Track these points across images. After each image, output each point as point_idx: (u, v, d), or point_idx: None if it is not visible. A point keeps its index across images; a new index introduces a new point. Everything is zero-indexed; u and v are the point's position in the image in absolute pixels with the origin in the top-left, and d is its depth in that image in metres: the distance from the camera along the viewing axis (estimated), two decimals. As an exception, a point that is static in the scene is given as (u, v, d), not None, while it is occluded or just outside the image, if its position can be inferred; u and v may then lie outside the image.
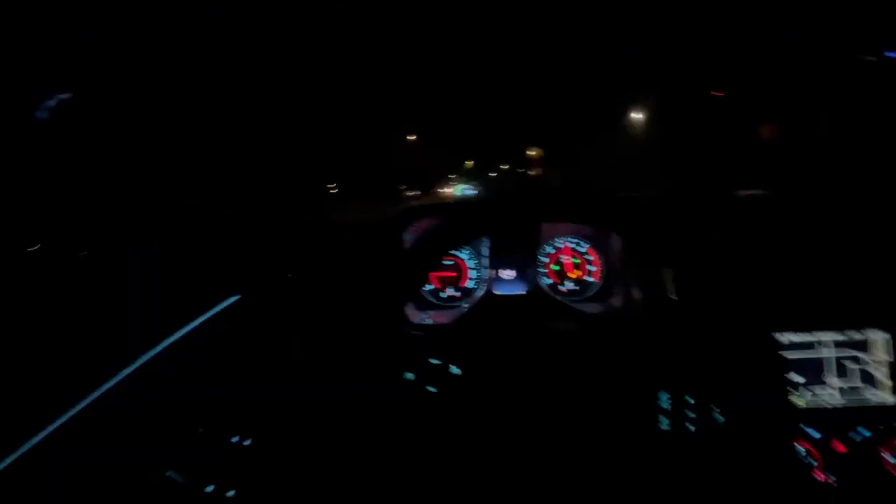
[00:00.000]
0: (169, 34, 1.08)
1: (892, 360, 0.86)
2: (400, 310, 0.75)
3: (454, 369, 0.73)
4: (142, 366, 0.74)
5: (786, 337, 0.86)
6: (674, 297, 1.00)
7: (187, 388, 0.75)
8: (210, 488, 0.70)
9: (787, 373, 0.85)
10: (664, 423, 0.71)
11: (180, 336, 0.75)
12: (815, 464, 0.84)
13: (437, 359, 0.73)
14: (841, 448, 0.84)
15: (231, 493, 0.70)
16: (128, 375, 0.72)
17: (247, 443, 0.75)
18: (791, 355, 0.85)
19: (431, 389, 0.71)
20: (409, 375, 0.72)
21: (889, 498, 0.82)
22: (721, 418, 0.69)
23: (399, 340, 0.75)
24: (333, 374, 0.69)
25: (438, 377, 0.72)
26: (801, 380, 0.86)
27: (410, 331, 0.86)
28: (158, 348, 0.73)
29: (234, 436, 0.75)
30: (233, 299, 0.79)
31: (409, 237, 1.02)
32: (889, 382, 0.86)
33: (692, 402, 0.72)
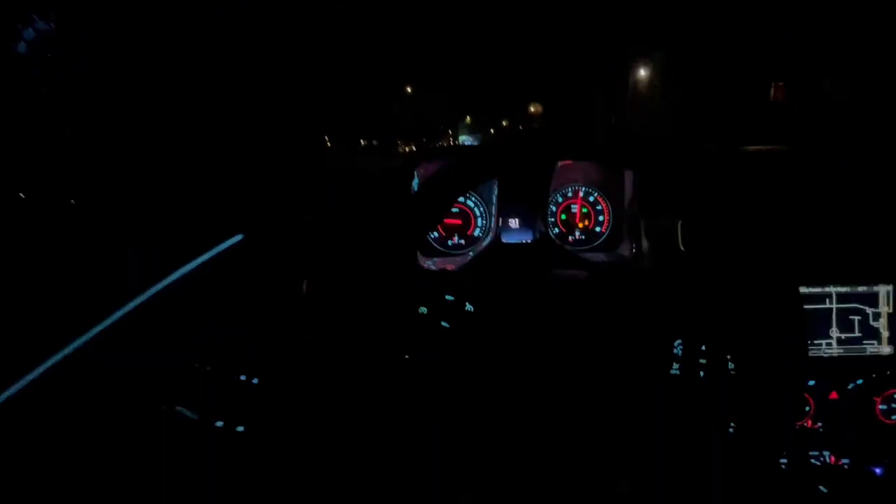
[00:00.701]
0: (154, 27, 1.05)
1: (892, 311, 0.87)
2: (413, 252, 0.73)
3: (469, 307, 0.72)
4: (142, 304, 0.72)
5: (801, 290, 0.86)
6: (683, 247, 0.99)
7: (191, 328, 0.73)
8: (220, 423, 0.71)
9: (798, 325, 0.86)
10: (675, 369, 0.72)
11: (182, 274, 0.73)
12: (808, 409, 0.87)
13: (452, 296, 0.72)
14: (833, 395, 0.87)
15: (241, 429, 0.71)
16: (127, 313, 0.71)
17: (255, 381, 0.74)
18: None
19: (445, 325, 0.70)
20: (423, 310, 0.71)
21: (875, 444, 0.86)
22: (731, 365, 0.70)
23: (412, 279, 0.74)
24: (345, 313, 0.68)
25: (452, 314, 0.71)
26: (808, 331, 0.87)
27: (421, 272, 0.85)
28: (160, 286, 0.70)
29: (242, 375, 0.75)
30: (237, 238, 0.77)
31: (417, 181, 0.98)
32: (887, 333, 0.88)
33: (703, 348, 0.72)
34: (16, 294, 0.80)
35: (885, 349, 0.88)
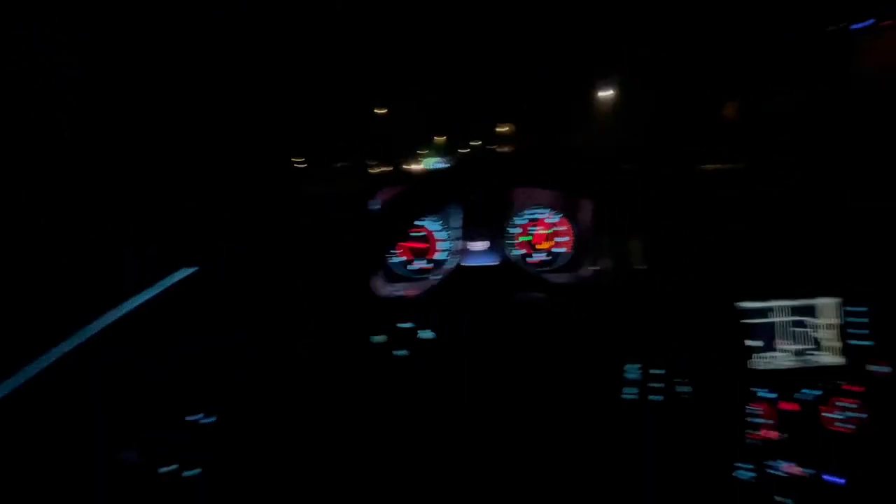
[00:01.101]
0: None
1: (836, 323, 0.91)
2: (368, 277, 0.72)
3: (425, 333, 0.72)
4: (91, 338, 0.69)
5: (745, 305, 0.89)
6: (641, 267, 1.02)
7: (140, 361, 0.70)
8: (169, 468, 0.67)
9: (747, 339, 0.89)
10: (629, 393, 0.73)
11: (131, 308, 0.70)
12: (771, 423, 0.89)
13: (408, 323, 0.71)
14: (792, 407, 0.89)
15: (193, 473, 0.68)
16: (77, 346, 0.67)
17: (209, 420, 0.71)
18: (748, 322, 0.89)
19: (400, 353, 0.69)
20: (379, 338, 0.70)
21: (831, 452, 0.88)
22: (686, 388, 0.71)
23: (367, 306, 0.73)
24: (299, 343, 0.66)
25: (408, 341, 0.71)
26: (758, 345, 0.90)
27: (379, 300, 0.84)
28: (107, 320, 0.68)
29: (194, 414, 0.72)
30: (190, 271, 0.75)
31: (377, 206, 0.98)
32: (835, 345, 0.91)
33: (658, 372, 0.73)
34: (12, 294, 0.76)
35: (835, 359, 0.91)
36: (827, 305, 0.92)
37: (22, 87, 0.91)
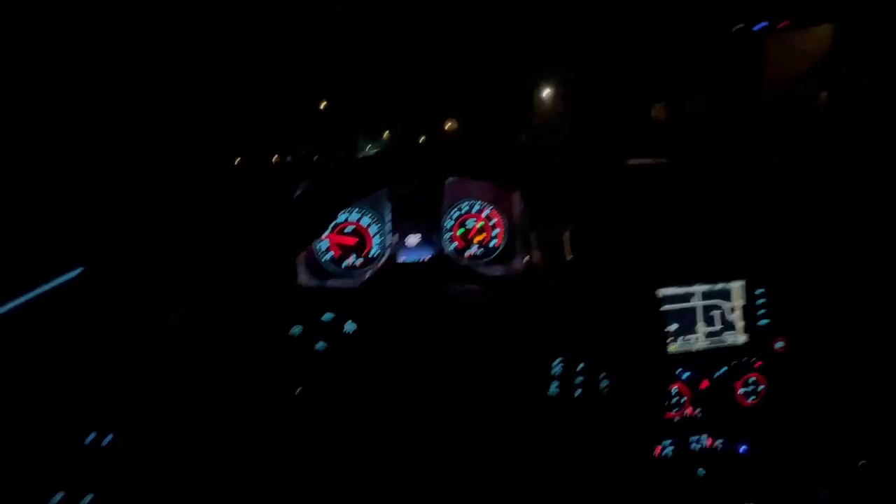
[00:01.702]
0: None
1: (744, 304, 0.98)
2: (287, 266, 0.68)
3: (349, 326, 0.69)
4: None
5: (664, 291, 0.94)
6: (569, 257, 1.05)
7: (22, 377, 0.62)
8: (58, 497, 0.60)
9: (666, 324, 0.94)
10: (553, 389, 0.74)
11: (20, 303, 0.61)
12: (685, 399, 0.94)
13: (331, 313, 0.68)
14: (704, 384, 0.95)
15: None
16: None
17: (105, 441, 0.64)
18: (668, 307, 0.94)
19: (320, 346, 0.66)
20: (296, 329, 0.66)
21: (740, 423, 0.96)
22: (606, 382, 0.73)
23: (287, 296, 0.69)
24: (213, 340, 0.61)
25: (330, 334, 0.67)
26: (675, 328, 0.95)
27: (302, 291, 0.80)
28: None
29: (88, 433, 0.64)
30: (75, 272, 0.67)
31: (299, 193, 0.94)
32: (741, 324, 0.98)
33: (581, 366, 0.75)
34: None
35: (741, 338, 0.98)
36: (734, 288, 0.99)
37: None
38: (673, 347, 0.94)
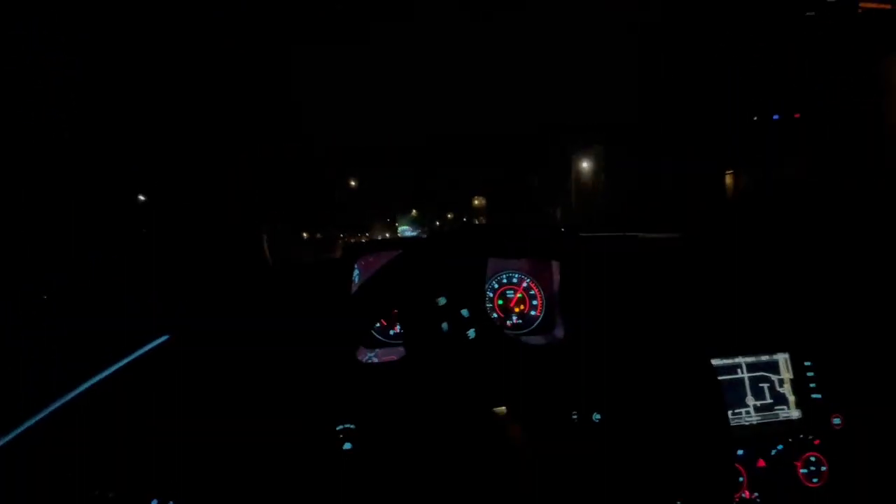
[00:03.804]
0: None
1: (792, 377, 0.97)
2: (351, 353, 0.72)
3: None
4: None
5: (713, 362, 0.94)
6: (610, 325, 1.07)
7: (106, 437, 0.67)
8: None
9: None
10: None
11: (103, 378, 0.68)
12: (742, 480, 0.90)
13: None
14: (761, 463, 0.91)
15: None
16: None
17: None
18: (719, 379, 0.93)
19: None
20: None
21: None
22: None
23: (347, 385, 0.73)
24: (273, 420, 0.65)
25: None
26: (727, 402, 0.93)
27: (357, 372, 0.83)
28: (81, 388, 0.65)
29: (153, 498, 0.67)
30: (161, 339, 0.74)
31: (357, 275, 1.01)
32: (793, 398, 0.96)
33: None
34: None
35: (795, 413, 0.96)
36: (780, 360, 0.98)
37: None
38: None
